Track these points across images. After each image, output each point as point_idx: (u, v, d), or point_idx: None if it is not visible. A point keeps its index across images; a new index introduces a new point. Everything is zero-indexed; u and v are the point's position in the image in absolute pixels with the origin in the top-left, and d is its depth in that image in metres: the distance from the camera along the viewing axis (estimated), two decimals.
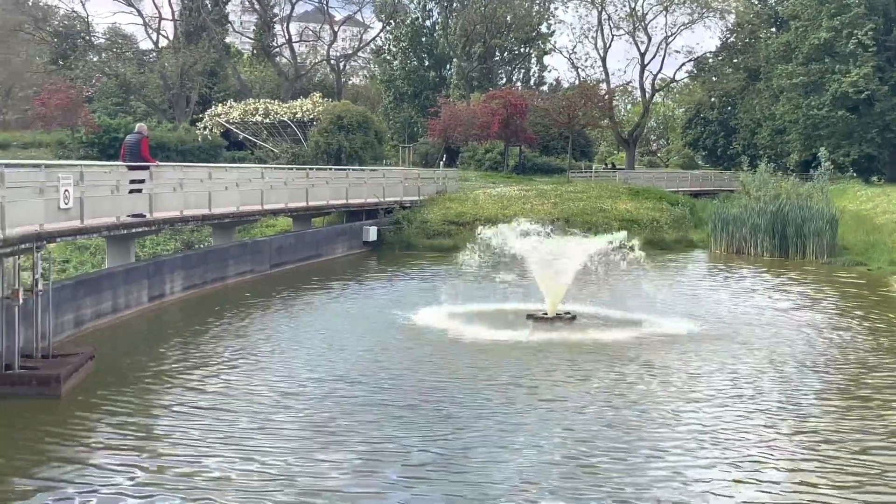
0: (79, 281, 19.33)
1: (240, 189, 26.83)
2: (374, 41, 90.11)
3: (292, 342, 18.49)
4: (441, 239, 35.34)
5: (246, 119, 56.07)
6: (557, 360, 16.96)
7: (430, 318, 21.05)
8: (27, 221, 17.14)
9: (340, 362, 16.62)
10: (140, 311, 21.40)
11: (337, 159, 47.50)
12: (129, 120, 59.23)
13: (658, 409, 13.59)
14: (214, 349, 17.82)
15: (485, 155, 63.79)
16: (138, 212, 21.57)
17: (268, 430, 12.46)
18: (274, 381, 15.30)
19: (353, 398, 14.16)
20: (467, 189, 44.11)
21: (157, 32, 74.53)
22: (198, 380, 15.36)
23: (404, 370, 16.05)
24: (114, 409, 13.69)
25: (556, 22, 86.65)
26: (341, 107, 51.36)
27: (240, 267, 26.45)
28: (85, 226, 19.11)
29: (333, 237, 32.75)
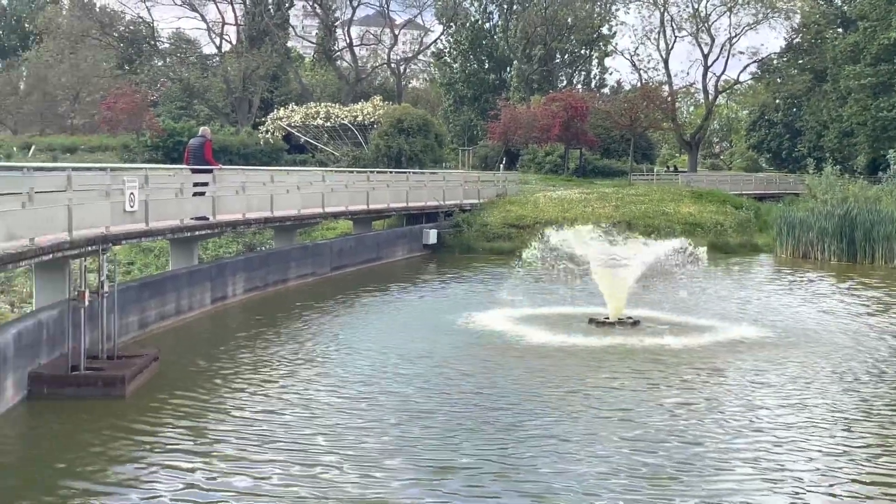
0: (143, 283, 19.53)
1: (301, 192, 26.94)
2: (434, 44, 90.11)
3: (353, 346, 18.44)
4: (501, 242, 35.18)
5: (307, 122, 56.42)
6: (620, 366, 16.68)
7: (492, 321, 20.90)
8: (93, 224, 17.37)
9: (401, 367, 16.53)
10: (203, 312, 21.57)
11: (397, 162, 47.57)
12: (193, 124, 60.02)
13: (726, 419, 13.26)
14: (276, 352, 17.84)
15: (545, 158, 63.47)
16: (201, 214, 21.74)
17: (327, 436, 12.38)
18: (334, 385, 15.25)
19: (413, 403, 14.05)
20: (527, 192, 43.85)
21: (220, 37, 75.45)
22: (259, 384, 15.35)
23: (464, 375, 15.90)
24: (177, 411, 13.73)
25: (617, 24, 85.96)
26: (401, 110, 51.44)
27: (301, 269, 26.56)
28: (149, 228, 19.32)
29: (393, 240, 32.76)
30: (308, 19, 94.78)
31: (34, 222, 15.07)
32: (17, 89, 77.04)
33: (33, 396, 14.15)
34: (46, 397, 14.21)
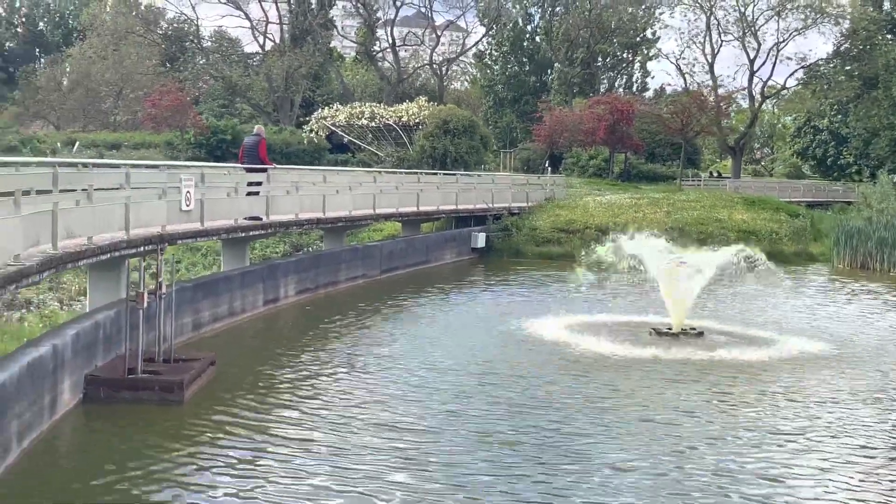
0: (197, 284, 19.14)
1: (352, 193, 26.51)
2: (475, 46, 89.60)
3: (405, 351, 18.00)
4: (550, 246, 34.59)
5: (352, 122, 56.06)
6: (683, 378, 16.08)
7: (546, 328, 20.36)
8: (149, 223, 17.02)
9: (452, 373, 16.11)
10: (255, 314, 21.19)
11: (442, 164, 47.08)
12: (236, 122, 59.83)
13: (791, 437, 12.58)
14: (330, 356, 17.48)
15: (589, 161, 62.74)
16: (255, 214, 21.35)
17: (381, 445, 11.99)
18: (387, 391, 14.84)
19: (463, 412, 13.59)
20: (574, 196, 43.22)
21: (263, 36, 75.31)
22: (316, 389, 14.99)
23: (517, 385, 15.35)
24: (234, 417, 13.37)
25: (661, 27, 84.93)
26: (447, 111, 50.94)
27: (351, 272, 26.12)
28: (205, 228, 18.95)
29: (442, 243, 32.25)
30: (348, 19, 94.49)
31: (92, 221, 14.72)
32: (60, 85, 77.30)
33: (89, 399, 13.79)
34: (103, 400, 13.83)
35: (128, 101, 73.17)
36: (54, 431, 12.33)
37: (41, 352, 12.15)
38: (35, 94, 73.66)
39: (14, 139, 44.21)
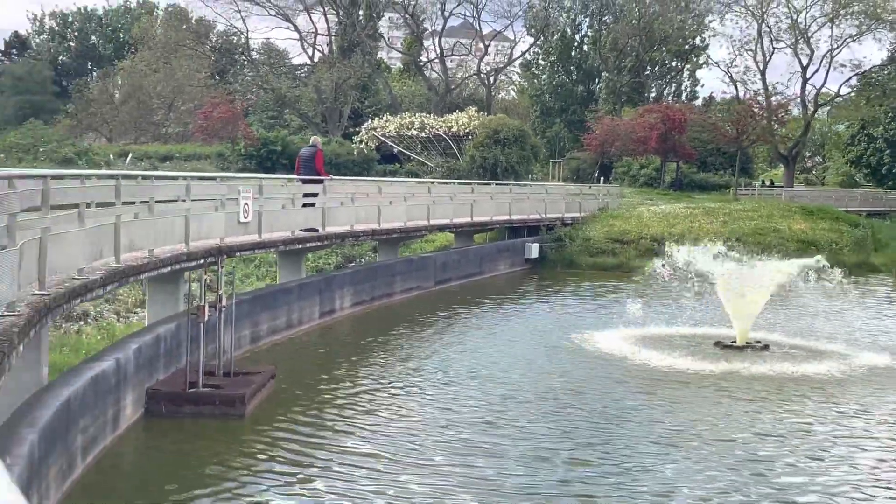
0: (255, 296, 19.02)
1: (406, 204, 26.33)
2: (524, 55, 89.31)
3: (462, 364, 17.70)
4: (605, 257, 34.12)
5: (402, 133, 56.01)
6: (750, 395, 15.58)
7: (605, 341, 19.97)
8: (208, 235, 16.92)
9: (512, 388, 15.78)
10: (312, 327, 21.03)
11: (493, 174, 46.82)
12: (286, 133, 60.05)
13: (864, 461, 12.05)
14: (387, 370, 17.24)
15: (640, 171, 62.11)
16: (311, 226, 21.22)
17: (443, 459, 11.76)
18: (445, 406, 14.55)
19: (526, 429, 13.23)
20: (626, 206, 42.72)
21: (312, 47, 75.62)
22: (374, 403, 14.75)
23: (577, 401, 14.95)
24: (295, 432, 13.18)
25: (710, 35, 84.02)
26: (497, 121, 50.69)
27: (406, 283, 25.91)
28: (262, 240, 18.84)
29: (496, 254, 31.95)
30: (393, 30, 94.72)
31: (153, 233, 14.63)
32: (112, 98, 78.23)
33: (151, 414, 13.66)
34: (164, 415, 13.70)
35: (179, 114, 73.83)
36: (117, 446, 12.21)
37: (104, 366, 12.05)
38: (88, 106, 74.58)
39: (70, 151, 44.65)
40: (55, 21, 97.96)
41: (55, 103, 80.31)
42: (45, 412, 9.84)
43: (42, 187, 10.26)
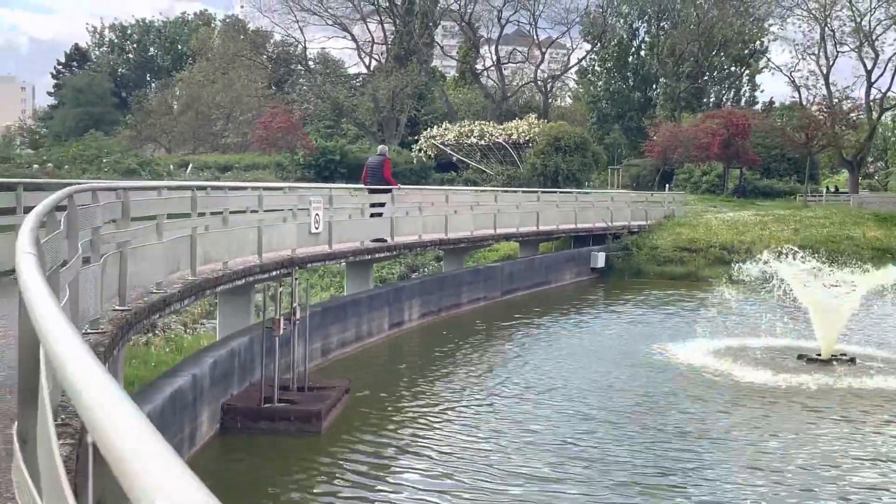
0: (325, 308, 18.67)
1: (473, 213, 25.89)
2: (581, 62, 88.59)
3: (536, 379, 17.18)
4: (673, 266, 33.32)
5: (461, 141, 55.64)
6: (844, 412, 14.85)
7: (680, 353, 19.32)
8: (279, 246, 16.62)
9: (588, 403, 15.26)
10: (381, 339, 20.66)
11: (553, 182, 46.23)
12: (344, 142, 60.01)
13: None
14: (460, 385, 16.81)
15: (701, 177, 61.04)
16: (380, 236, 20.87)
17: (520, 477, 11.35)
18: (522, 425, 14.00)
19: (605, 450, 12.67)
20: (691, 213, 41.86)
21: (369, 56, 75.67)
22: (448, 419, 14.37)
23: (660, 419, 14.31)
24: (372, 448, 12.86)
25: (770, 40, 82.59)
26: (558, 128, 50.11)
27: (473, 294, 25.45)
28: (333, 251, 18.50)
29: (562, 263, 31.36)
30: (447, 39, 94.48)
31: (228, 245, 14.33)
32: (170, 109, 78.94)
33: (226, 430, 13.36)
34: (239, 430, 13.39)
35: (237, 124, 74.26)
36: (194, 463, 11.86)
37: (181, 382, 11.76)
38: (147, 117, 75.31)
39: (133, 162, 44.95)
40: (114, 33, 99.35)
41: (115, 115, 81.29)
42: None
43: (122, 199, 9.96)
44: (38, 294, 2.34)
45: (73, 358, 1.71)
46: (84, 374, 1.59)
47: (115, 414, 1.37)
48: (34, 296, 2.33)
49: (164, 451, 1.22)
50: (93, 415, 1.42)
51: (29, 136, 72.67)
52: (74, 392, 1.59)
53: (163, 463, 1.20)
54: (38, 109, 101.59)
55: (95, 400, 1.46)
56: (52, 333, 1.91)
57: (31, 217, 4.59)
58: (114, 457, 1.26)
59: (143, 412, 1.41)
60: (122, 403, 1.40)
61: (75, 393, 1.58)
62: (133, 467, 1.19)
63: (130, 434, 1.29)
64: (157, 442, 1.25)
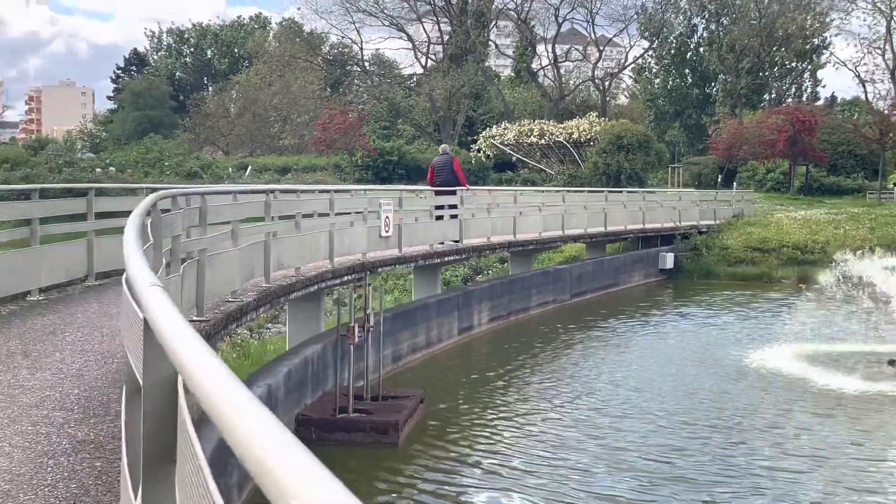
0: (395, 313, 18.16)
1: (542, 214, 25.28)
2: (638, 59, 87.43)
3: (616, 388, 16.54)
4: (744, 267, 32.33)
5: (521, 140, 54.96)
6: None
7: (769, 358, 18.52)
8: (350, 250, 16.18)
9: (676, 414, 14.58)
10: (451, 344, 20.13)
11: (616, 181, 45.37)
12: (402, 143, 59.65)
13: None
14: (537, 393, 16.27)
15: (766, 175, 59.63)
16: (450, 238, 20.35)
17: (604, 499, 10.76)
18: (606, 438, 13.40)
19: (700, 469, 11.99)
20: (758, 212, 40.77)
21: (426, 56, 75.28)
22: (526, 430, 13.78)
23: (756, 433, 13.52)
24: (451, 461, 12.40)
25: (833, 35, 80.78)
26: (620, 126, 49.20)
27: (542, 297, 24.83)
28: (403, 254, 18.01)
29: (630, 264, 30.58)
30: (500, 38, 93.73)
31: (300, 250, 13.91)
32: (228, 111, 79.22)
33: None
34: (314, 442, 12.92)
35: (294, 126, 74.26)
36: None
37: (257, 393, 11.28)
38: (205, 120, 75.65)
39: (194, 165, 44.95)
40: (172, 38, 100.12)
41: (173, 118, 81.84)
42: (205, 445, 9.10)
43: (199, 205, 9.54)
44: (184, 334, 1.89)
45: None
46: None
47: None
48: (177, 336, 1.86)
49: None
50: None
51: (90, 140, 73.41)
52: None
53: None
54: (98, 114, 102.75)
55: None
56: (195, 360, 1.85)
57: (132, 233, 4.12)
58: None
59: None
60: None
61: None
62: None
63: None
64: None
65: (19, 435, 5.41)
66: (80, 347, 8.05)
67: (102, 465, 4.90)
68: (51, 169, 37.81)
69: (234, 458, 1.97)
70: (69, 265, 12.25)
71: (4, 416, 5.82)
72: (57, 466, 4.87)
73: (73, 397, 6.31)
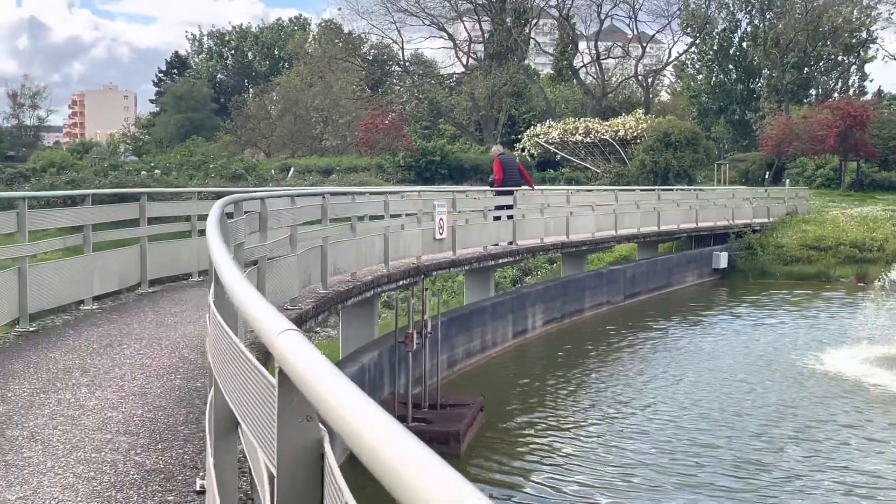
0: (450, 317, 17.69)
1: (594, 213, 24.69)
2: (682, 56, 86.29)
3: (679, 393, 16.02)
4: (801, 266, 31.46)
5: (566, 139, 54.26)
6: None
7: (838, 363, 17.82)
8: (405, 254, 15.74)
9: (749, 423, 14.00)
10: (506, 348, 19.65)
11: (664, 179, 44.56)
12: (443, 142, 59.16)
13: None
14: (598, 398, 15.80)
15: (815, 171, 58.42)
16: (503, 240, 19.85)
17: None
18: (673, 445, 12.92)
19: (765, 472, 11.50)
20: (812, 209, 39.82)
21: (467, 55, 74.78)
22: (591, 441, 13.35)
23: (841, 447, 12.87)
24: (515, 471, 12.02)
25: (882, 27, 79.17)
26: (667, 123, 48.35)
27: (596, 298, 24.25)
28: (457, 257, 17.53)
29: (684, 264, 29.86)
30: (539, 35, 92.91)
31: (356, 255, 13.47)
32: (269, 113, 79.16)
33: None
34: None
35: (336, 126, 74.05)
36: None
37: None
38: (246, 122, 75.63)
39: (239, 167, 44.75)
40: (213, 40, 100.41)
41: (214, 120, 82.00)
42: None
43: (259, 210, 9.13)
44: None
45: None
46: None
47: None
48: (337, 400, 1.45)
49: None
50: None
51: (132, 144, 73.71)
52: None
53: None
54: (140, 117, 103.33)
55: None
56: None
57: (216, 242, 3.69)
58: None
59: None
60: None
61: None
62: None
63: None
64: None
65: (83, 463, 5.00)
66: (140, 361, 7.66)
67: (176, 500, 4.47)
68: (96, 172, 37.70)
69: None
70: (122, 272, 11.91)
71: (66, 440, 5.42)
72: (127, 502, 4.44)
73: (137, 419, 5.90)
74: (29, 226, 9.52)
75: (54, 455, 5.13)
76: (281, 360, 1.93)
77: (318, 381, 1.65)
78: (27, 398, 6.41)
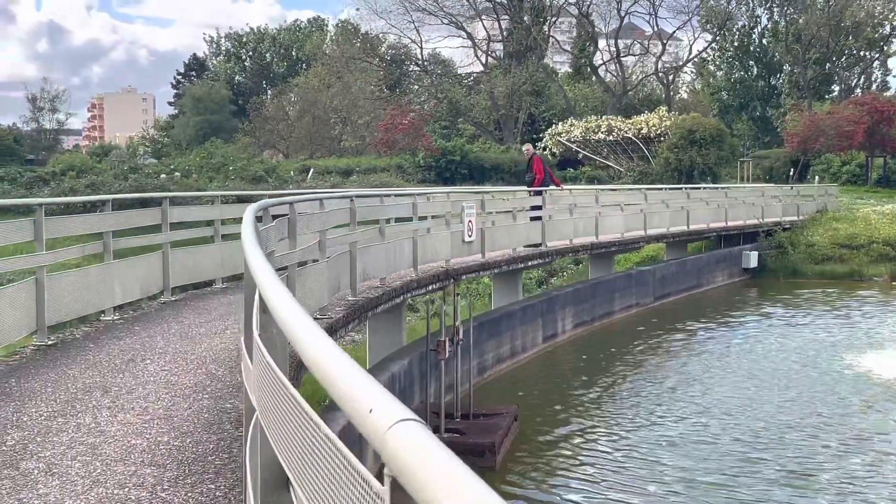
0: (480, 322, 17.15)
1: (624, 213, 24.12)
2: (703, 52, 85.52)
3: (723, 401, 15.46)
4: (833, 265, 30.76)
5: (588, 137, 53.61)
6: None
7: (878, 366, 17.21)
8: (433, 257, 15.22)
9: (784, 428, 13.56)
10: (536, 353, 19.11)
11: (688, 177, 43.89)
12: (463, 142, 58.61)
13: None
14: (633, 404, 15.28)
15: (841, 168, 57.56)
16: (532, 242, 19.33)
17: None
18: (714, 455, 12.43)
19: (811, 484, 11.01)
20: (842, 206, 39.07)
21: (486, 54, 74.22)
22: (631, 452, 12.78)
23: (874, 453, 12.36)
24: (553, 485, 11.47)
25: None
26: (692, 120, 47.65)
27: (625, 300, 23.68)
28: (486, 260, 17.02)
29: (713, 265, 29.21)
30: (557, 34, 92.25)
31: (385, 259, 12.97)
32: (287, 115, 78.84)
33: None
34: None
35: (355, 127, 73.66)
36: None
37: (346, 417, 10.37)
38: (265, 124, 75.35)
39: (259, 169, 44.34)
40: (231, 42, 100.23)
41: (233, 122, 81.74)
42: None
43: (288, 214, 8.64)
44: None
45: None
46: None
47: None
48: None
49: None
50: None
51: (152, 146, 73.53)
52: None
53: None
54: (159, 119, 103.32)
55: None
56: None
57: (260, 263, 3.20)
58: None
59: None
60: None
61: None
62: None
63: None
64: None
65: (104, 502, 4.51)
66: (164, 379, 7.18)
67: None
68: (116, 175, 37.43)
69: None
70: (144, 280, 11.45)
71: (85, 473, 4.93)
72: None
73: (164, 447, 5.41)
74: (46, 233, 9.07)
75: (73, 492, 4.65)
76: (394, 466, 1.43)
77: None
78: (44, 423, 5.93)
